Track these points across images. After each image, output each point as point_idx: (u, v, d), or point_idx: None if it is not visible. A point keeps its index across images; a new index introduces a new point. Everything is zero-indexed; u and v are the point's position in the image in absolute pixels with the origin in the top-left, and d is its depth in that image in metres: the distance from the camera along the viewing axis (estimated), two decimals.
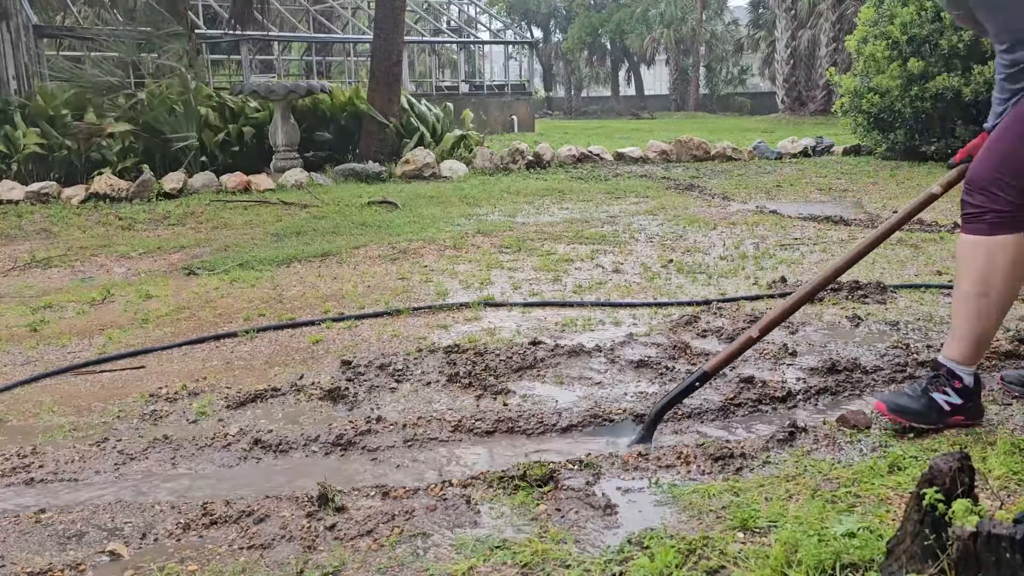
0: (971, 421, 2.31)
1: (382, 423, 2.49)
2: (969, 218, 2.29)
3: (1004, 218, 2.21)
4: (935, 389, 2.30)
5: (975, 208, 2.26)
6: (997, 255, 2.22)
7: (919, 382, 2.39)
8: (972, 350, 2.29)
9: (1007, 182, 2.21)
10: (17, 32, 11.66)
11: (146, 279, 4.66)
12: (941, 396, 2.29)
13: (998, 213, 2.22)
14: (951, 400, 2.29)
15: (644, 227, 5.88)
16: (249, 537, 1.84)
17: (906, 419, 2.29)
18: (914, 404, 2.30)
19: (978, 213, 2.25)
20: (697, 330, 3.36)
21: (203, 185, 8.36)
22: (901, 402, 2.33)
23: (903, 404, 2.32)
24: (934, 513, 1.40)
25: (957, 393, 2.29)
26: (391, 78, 10.39)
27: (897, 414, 2.31)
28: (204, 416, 2.61)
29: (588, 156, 10.70)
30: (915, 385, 2.37)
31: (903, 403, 2.32)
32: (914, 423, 2.28)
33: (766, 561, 1.61)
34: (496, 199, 7.55)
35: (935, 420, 2.28)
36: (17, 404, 2.78)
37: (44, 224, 6.73)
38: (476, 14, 22.85)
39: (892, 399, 2.36)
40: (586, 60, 35.91)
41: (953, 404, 2.29)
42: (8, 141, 8.83)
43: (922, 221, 5.74)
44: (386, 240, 5.52)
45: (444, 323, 3.59)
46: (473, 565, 1.69)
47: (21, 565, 1.75)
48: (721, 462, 2.13)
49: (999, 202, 2.22)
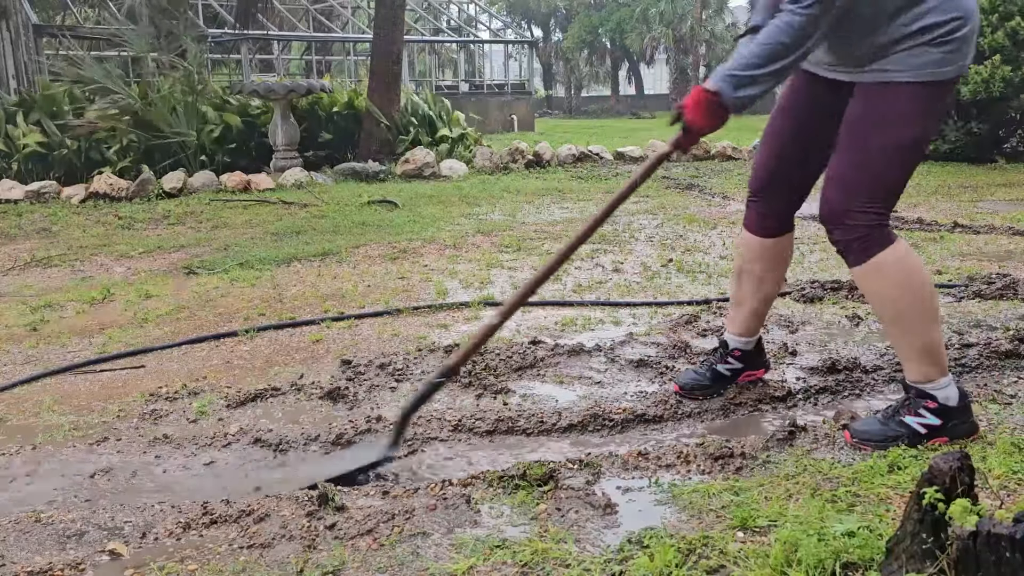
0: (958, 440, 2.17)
1: (382, 422, 2.49)
2: (842, 252, 2.20)
3: (870, 239, 2.14)
4: (907, 412, 2.19)
5: (840, 243, 2.19)
6: (884, 274, 2.14)
7: (891, 406, 2.27)
8: (928, 366, 2.17)
9: (860, 210, 2.13)
10: (17, 31, 11.65)
11: (146, 278, 4.66)
12: (915, 420, 2.17)
13: (862, 239, 2.14)
14: (926, 422, 2.16)
15: (644, 226, 5.88)
16: (249, 536, 1.84)
17: (871, 446, 2.16)
18: (883, 430, 2.18)
19: (847, 243, 2.17)
20: (697, 329, 3.36)
21: (203, 184, 8.36)
22: (869, 428, 2.21)
23: (871, 431, 2.20)
24: (934, 512, 1.40)
25: (933, 414, 2.16)
26: (391, 77, 10.39)
27: (863, 441, 2.19)
28: (204, 415, 2.61)
29: (588, 155, 10.70)
30: (887, 409, 2.26)
31: (871, 429, 2.20)
32: (881, 449, 2.14)
33: (766, 560, 1.61)
34: (496, 198, 7.55)
35: (911, 444, 2.14)
36: (17, 404, 2.78)
37: (44, 223, 6.73)
38: (476, 13, 22.84)
39: (859, 427, 2.23)
40: (586, 59, 35.90)
41: (929, 426, 2.16)
42: (8, 140, 8.83)
43: (922, 220, 5.74)
44: (386, 239, 5.52)
45: (444, 322, 3.59)
46: (473, 564, 1.69)
47: (21, 564, 1.75)
48: (721, 462, 2.13)
49: (857, 230, 2.14)
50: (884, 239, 2.15)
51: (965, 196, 7.00)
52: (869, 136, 2.15)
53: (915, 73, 2.09)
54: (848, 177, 2.18)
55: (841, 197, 2.18)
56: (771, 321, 3.44)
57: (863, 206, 2.14)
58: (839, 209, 2.18)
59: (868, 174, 2.15)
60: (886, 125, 2.13)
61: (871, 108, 2.16)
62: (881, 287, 2.17)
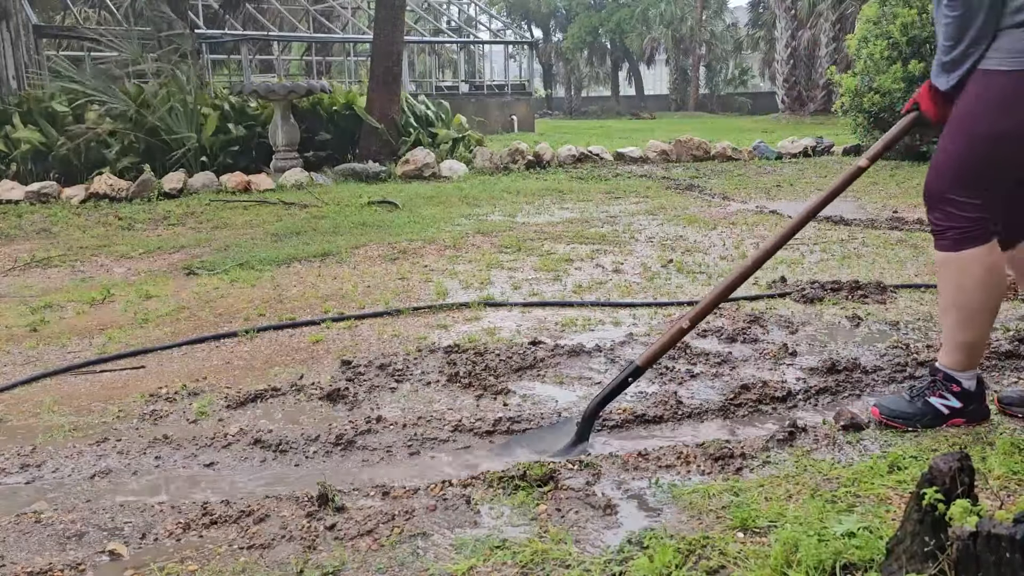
0: (973, 422, 2.30)
1: (382, 423, 2.49)
2: (935, 234, 2.24)
3: (966, 234, 2.16)
4: (932, 394, 2.30)
5: (936, 225, 2.22)
6: (967, 269, 2.18)
7: (916, 386, 2.37)
8: (965, 358, 2.27)
9: (960, 200, 2.15)
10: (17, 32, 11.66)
11: (146, 279, 4.66)
12: (939, 400, 2.28)
13: (959, 230, 2.17)
14: (949, 404, 2.28)
15: (644, 227, 5.88)
16: (249, 537, 1.84)
17: (902, 424, 2.29)
18: (910, 409, 2.30)
19: (941, 230, 2.21)
20: (697, 330, 3.35)
21: (203, 185, 8.37)
22: (897, 407, 2.32)
23: (899, 409, 2.31)
24: (934, 513, 1.40)
25: (956, 397, 2.28)
26: (391, 78, 10.39)
27: (893, 419, 2.30)
28: (204, 416, 2.61)
29: (588, 156, 10.70)
30: (912, 389, 2.36)
31: (899, 408, 2.32)
32: (908, 426, 2.28)
33: (766, 561, 1.61)
34: (496, 199, 7.55)
35: (931, 423, 2.28)
36: (17, 404, 2.78)
37: (44, 224, 6.73)
38: (476, 14, 22.85)
39: (888, 404, 2.35)
40: (586, 60, 35.92)
41: (952, 407, 2.28)
42: (8, 140, 8.83)
43: (922, 221, 5.74)
44: (386, 240, 5.52)
45: (444, 323, 3.59)
46: (473, 565, 1.69)
47: (21, 565, 1.76)
48: (721, 462, 2.13)
49: (957, 219, 2.17)
50: (979, 237, 2.17)
51: None
52: (964, 121, 2.16)
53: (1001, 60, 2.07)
54: (938, 161, 2.22)
55: (932, 179, 2.22)
56: (771, 321, 3.44)
57: (963, 194, 2.15)
58: (932, 191, 2.21)
59: (955, 161, 2.17)
60: (971, 113, 2.14)
61: (965, 93, 2.16)
62: (959, 280, 2.19)
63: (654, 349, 2.39)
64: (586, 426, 2.31)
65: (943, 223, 2.20)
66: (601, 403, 2.35)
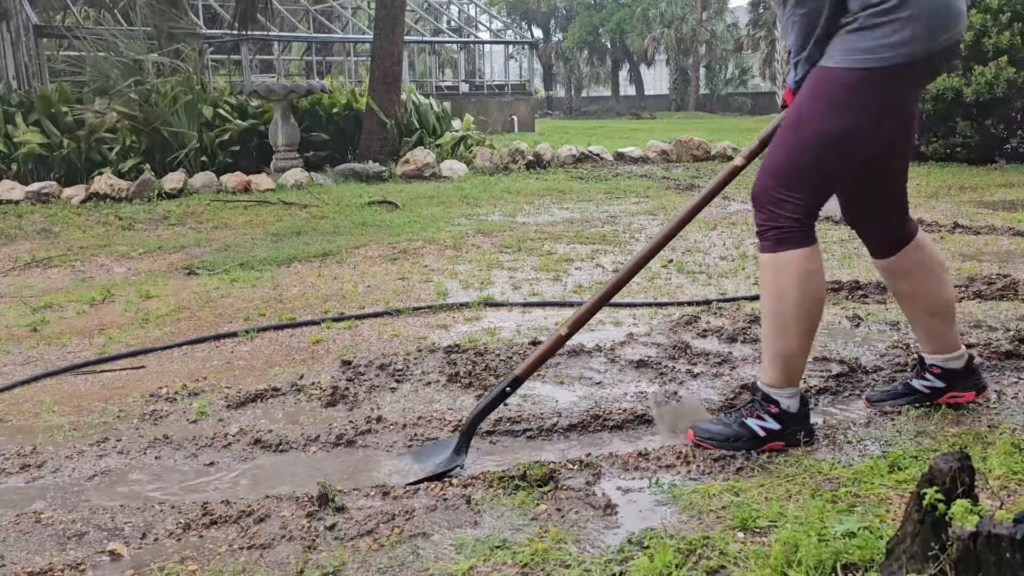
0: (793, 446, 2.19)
1: (382, 423, 2.49)
2: (758, 235, 2.19)
3: (787, 234, 2.11)
4: (750, 414, 2.19)
5: (760, 226, 2.17)
6: (784, 271, 2.11)
7: (736, 406, 2.28)
8: (781, 372, 2.17)
9: (783, 198, 2.11)
10: (17, 32, 11.66)
11: (146, 279, 4.66)
12: (756, 422, 2.18)
13: (780, 230, 2.12)
14: (766, 425, 2.17)
15: (644, 227, 5.88)
16: (249, 537, 1.84)
17: (714, 445, 2.19)
18: (726, 431, 2.20)
19: (763, 230, 2.16)
20: (697, 330, 3.36)
21: (203, 185, 8.37)
22: (712, 428, 2.23)
23: (714, 430, 2.21)
24: (934, 513, 1.39)
25: (774, 418, 2.17)
26: (391, 78, 10.39)
27: (706, 440, 2.20)
28: (204, 416, 2.61)
29: (588, 156, 10.70)
30: (731, 411, 2.28)
31: (714, 429, 2.22)
32: (724, 449, 2.17)
33: (766, 561, 1.61)
34: (496, 199, 7.55)
35: (747, 446, 2.17)
36: (17, 404, 2.78)
37: (44, 224, 6.73)
38: (476, 14, 22.85)
39: (703, 425, 2.25)
40: (586, 60, 35.94)
41: (769, 429, 2.18)
42: (8, 141, 8.84)
43: (922, 221, 5.74)
44: (386, 240, 5.52)
45: (444, 323, 3.59)
46: (473, 565, 1.69)
47: (21, 565, 1.76)
48: (721, 462, 2.13)
49: (779, 219, 2.12)
50: (801, 239, 2.12)
51: (965, 197, 7.00)
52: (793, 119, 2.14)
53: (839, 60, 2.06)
54: (767, 160, 2.19)
55: (759, 178, 2.18)
56: None
57: (786, 194, 2.11)
58: (758, 190, 2.17)
59: (782, 159, 2.14)
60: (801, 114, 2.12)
61: (800, 93, 2.15)
62: (777, 282, 2.14)
63: (533, 358, 2.30)
64: (463, 440, 2.23)
65: (766, 223, 2.15)
66: (479, 416, 2.27)
